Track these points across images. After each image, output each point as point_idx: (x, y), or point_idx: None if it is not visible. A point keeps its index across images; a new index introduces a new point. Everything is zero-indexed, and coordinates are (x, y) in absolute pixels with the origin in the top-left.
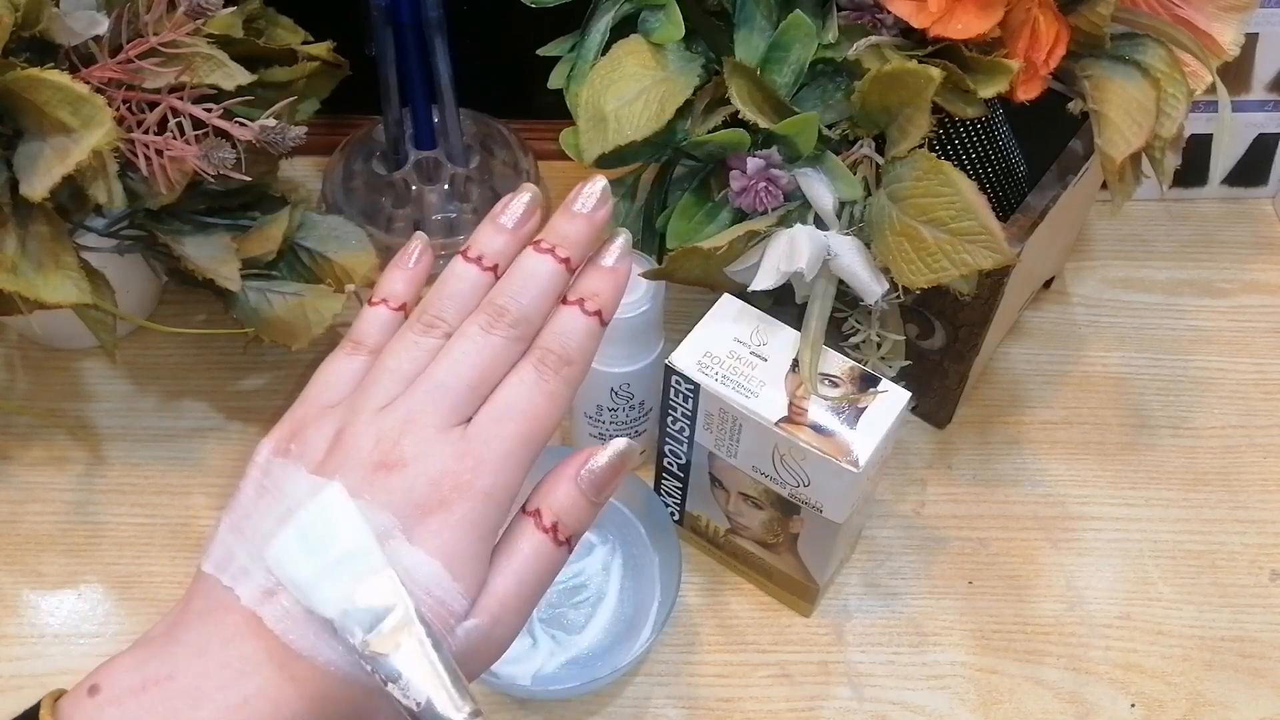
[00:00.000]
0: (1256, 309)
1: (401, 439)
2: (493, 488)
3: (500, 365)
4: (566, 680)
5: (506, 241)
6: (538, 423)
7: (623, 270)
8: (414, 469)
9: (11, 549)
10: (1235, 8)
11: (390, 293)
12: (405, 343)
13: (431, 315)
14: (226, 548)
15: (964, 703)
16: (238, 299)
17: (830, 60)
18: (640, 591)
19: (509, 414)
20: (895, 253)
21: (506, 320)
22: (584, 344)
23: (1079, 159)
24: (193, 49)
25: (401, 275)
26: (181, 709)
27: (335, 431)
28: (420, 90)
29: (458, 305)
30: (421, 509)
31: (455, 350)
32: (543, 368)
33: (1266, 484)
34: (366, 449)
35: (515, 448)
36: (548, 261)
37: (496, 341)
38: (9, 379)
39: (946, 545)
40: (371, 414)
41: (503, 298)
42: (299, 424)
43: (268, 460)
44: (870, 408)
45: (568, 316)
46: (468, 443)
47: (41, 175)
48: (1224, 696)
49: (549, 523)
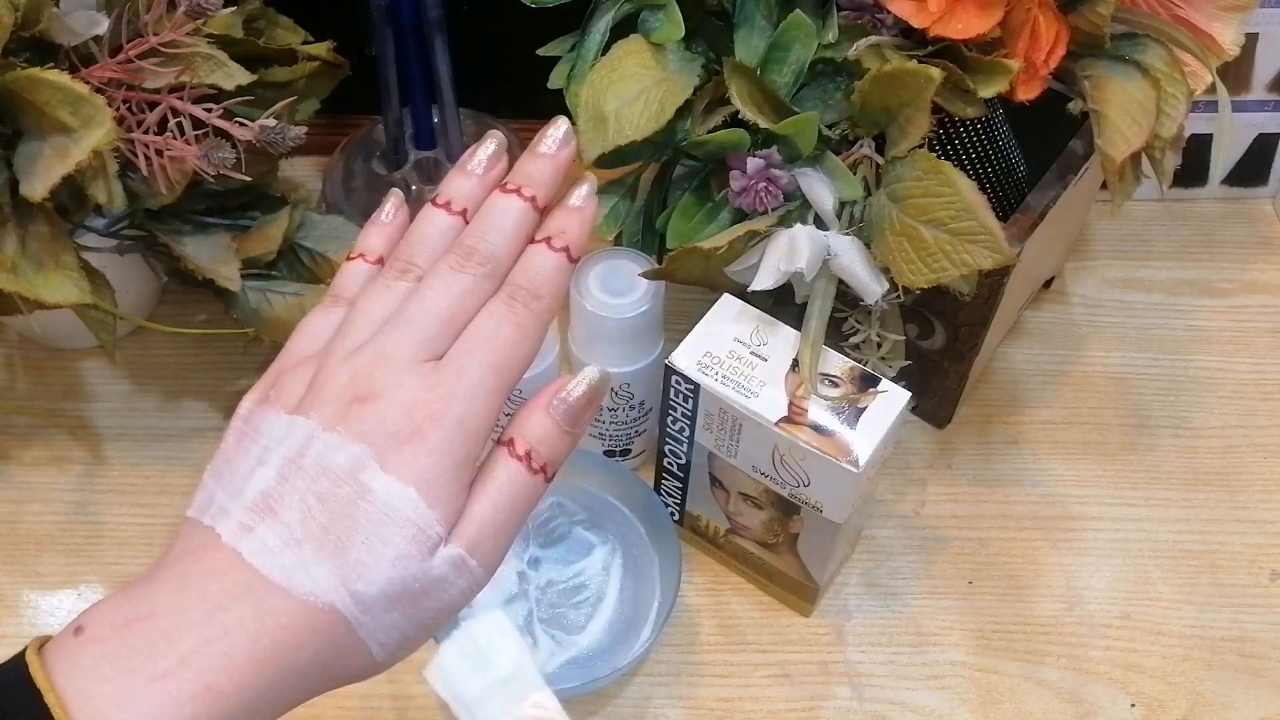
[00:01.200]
0: (1256, 309)
1: (374, 373)
2: (465, 415)
3: (471, 302)
4: (566, 680)
5: (474, 186)
6: (507, 352)
7: (589, 210)
8: (386, 399)
9: (11, 549)
10: (1235, 8)
11: (367, 247)
12: (378, 287)
13: (404, 261)
14: (208, 492)
15: (964, 703)
16: (238, 299)
17: (830, 60)
18: (640, 591)
19: (478, 343)
20: (895, 253)
21: (476, 259)
22: (552, 278)
23: (1079, 159)
24: (193, 49)
25: (377, 230)
26: (161, 642)
27: (312, 374)
28: (420, 90)
29: (429, 249)
30: (395, 438)
31: (426, 289)
32: (512, 302)
33: (1266, 484)
34: (340, 385)
35: (485, 376)
36: (514, 201)
37: (466, 279)
38: (9, 379)
39: (946, 545)
40: (345, 354)
41: (472, 238)
42: (278, 375)
43: (249, 410)
44: (870, 408)
45: (536, 253)
46: (439, 374)
47: (41, 175)
48: (1224, 696)
49: (522, 450)
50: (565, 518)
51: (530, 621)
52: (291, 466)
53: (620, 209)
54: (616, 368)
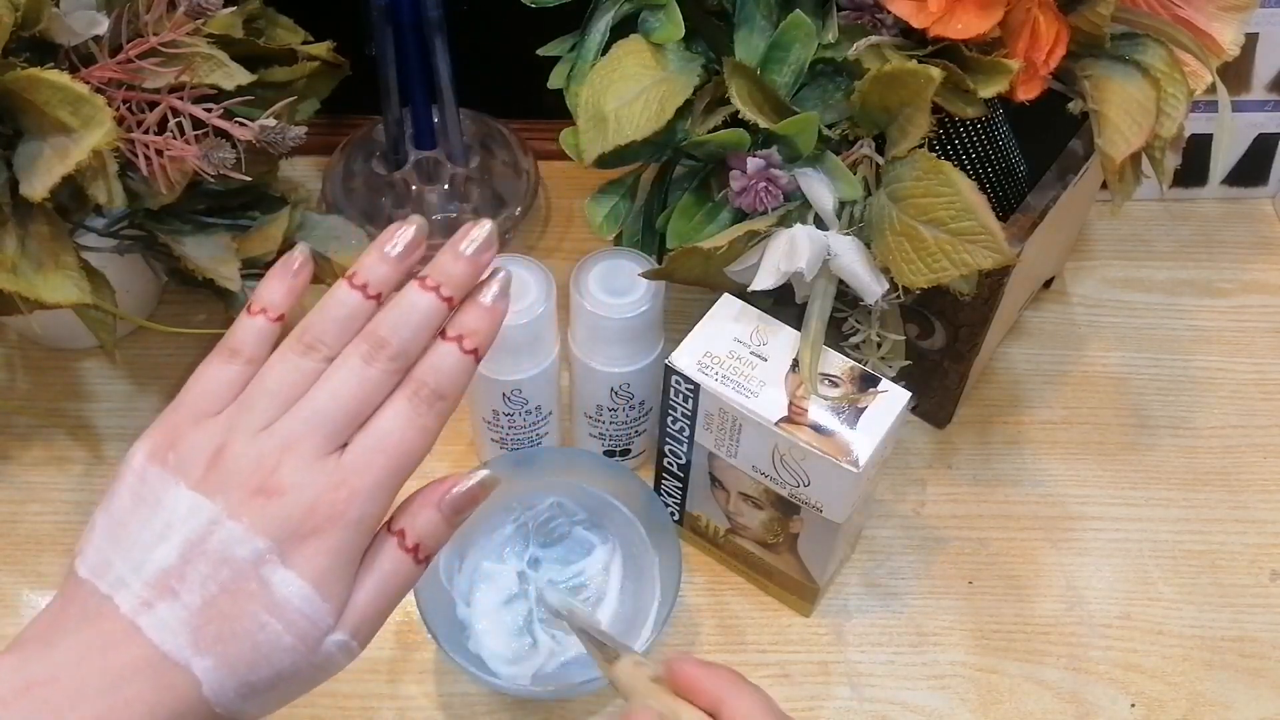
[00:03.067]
0: (1256, 309)
1: (280, 465)
2: (362, 516)
3: (377, 395)
4: (567, 680)
5: (390, 271)
6: (408, 456)
7: (500, 309)
8: (291, 497)
9: (11, 549)
10: (1235, 8)
11: (269, 303)
12: (285, 364)
13: (312, 337)
14: (103, 554)
15: (964, 703)
16: (238, 299)
17: (830, 60)
18: (640, 591)
19: (382, 446)
20: (895, 253)
21: (387, 353)
22: (458, 380)
23: (1079, 159)
24: (193, 49)
25: (281, 285)
26: (64, 707)
27: (215, 447)
28: (420, 90)
29: (338, 330)
30: (297, 535)
31: (335, 378)
32: (417, 400)
33: (1266, 484)
34: (246, 471)
35: (385, 478)
36: (431, 298)
37: (375, 373)
38: (9, 379)
39: (946, 545)
40: (251, 434)
41: (384, 329)
42: (175, 432)
43: (144, 466)
44: (870, 408)
45: (445, 353)
46: (342, 472)
47: (41, 175)
48: (1224, 696)
49: (411, 543)
50: (565, 518)
51: (530, 621)
52: (194, 550)
53: (620, 209)
54: (616, 368)
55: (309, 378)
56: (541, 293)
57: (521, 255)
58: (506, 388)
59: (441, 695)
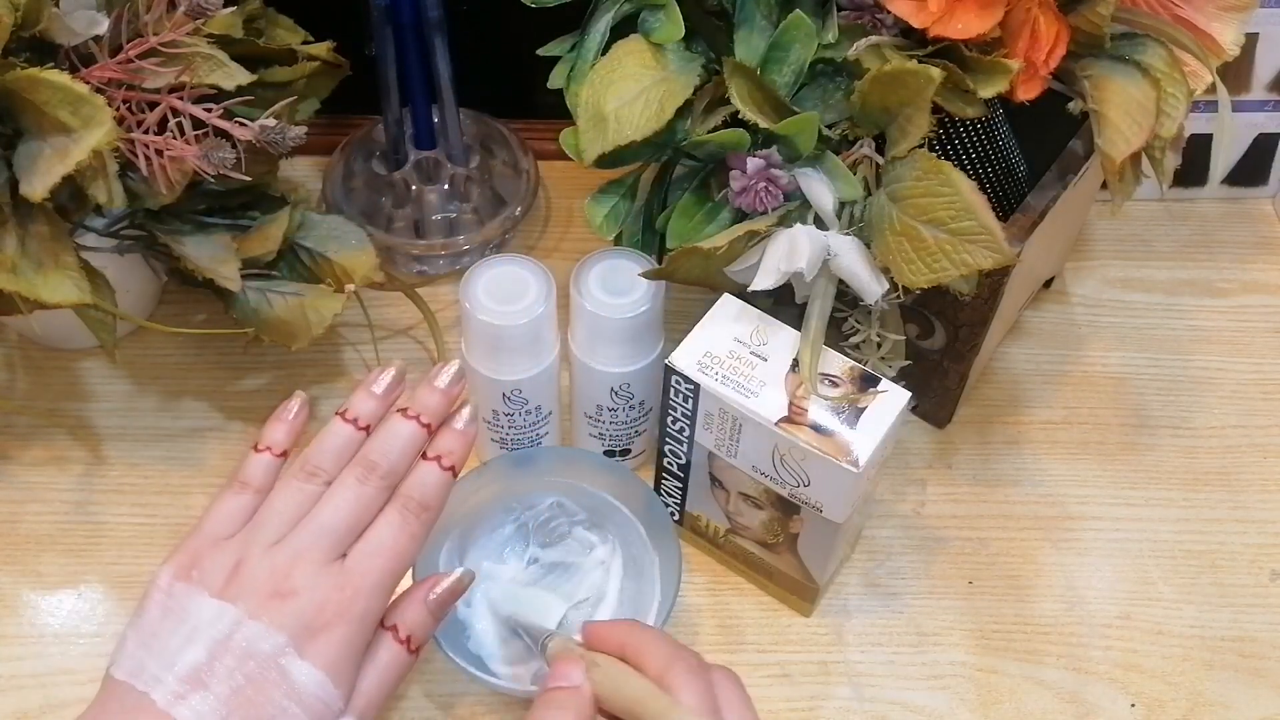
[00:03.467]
0: (1256, 309)
1: (292, 571)
2: (365, 612)
3: (371, 509)
4: None
5: (376, 406)
6: (401, 559)
7: (471, 432)
8: (304, 597)
9: (11, 549)
10: (1235, 8)
11: (273, 441)
12: (290, 489)
13: (313, 465)
14: (137, 660)
15: (964, 703)
16: (238, 299)
17: (830, 60)
18: (640, 592)
19: (379, 551)
20: (895, 253)
21: (378, 473)
22: (439, 493)
23: (1079, 159)
24: (193, 49)
25: (282, 427)
26: None
27: (234, 563)
28: (420, 90)
29: (334, 458)
30: (310, 630)
31: (336, 497)
32: (405, 513)
33: (1266, 484)
34: (262, 579)
35: (383, 579)
36: (412, 426)
37: (369, 491)
38: (9, 379)
39: (946, 545)
40: (264, 548)
41: (375, 454)
42: (196, 554)
43: (170, 584)
44: (870, 408)
45: (428, 471)
46: (346, 575)
47: (41, 175)
48: (1224, 696)
49: (404, 635)
50: (565, 518)
51: None
52: (220, 648)
53: (620, 209)
54: (616, 368)
55: (311, 499)
56: (541, 293)
57: (521, 255)
58: (506, 388)
59: (442, 695)
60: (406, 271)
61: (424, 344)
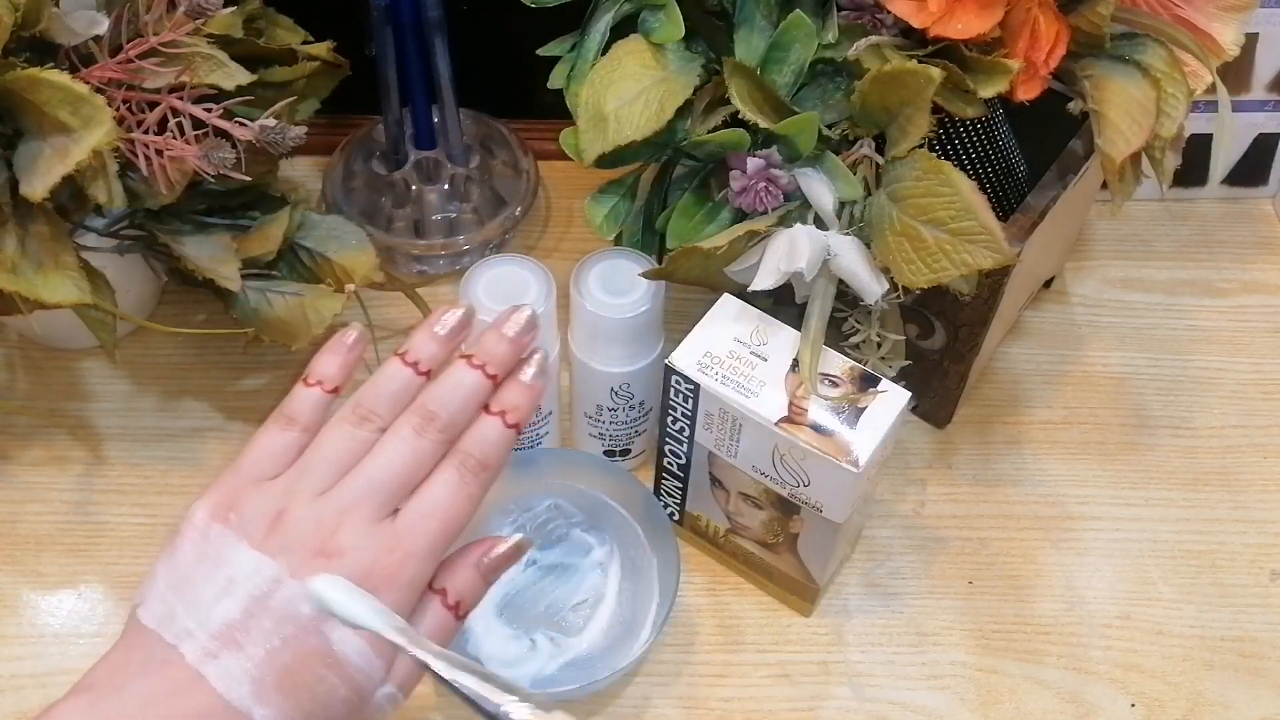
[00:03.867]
0: (1256, 309)
1: (339, 528)
2: (415, 577)
3: (427, 463)
4: (566, 682)
5: (438, 349)
6: (456, 521)
7: (539, 386)
8: (350, 558)
9: (11, 549)
10: (1235, 8)
11: (325, 375)
12: (340, 432)
13: (366, 409)
14: (168, 605)
15: (964, 703)
16: (238, 299)
17: (830, 60)
18: (639, 593)
19: (433, 512)
20: (895, 253)
21: (436, 425)
22: (501, 452)
23: (1079, 159)
24: (193, 49)
25: (335, 359)
26: None
27: (276, 510)
28: (420, 90)
29: (390, 403)
30: None
31: (389, 448)
32: (464, 470)
33: (1266, 484)
34: (306, 533)
35: (436, 542)
36: (477, 376)
37: (425, 444)
38: (9, 379)
39: (946, 545)
40: (310, 498)
41: (434, 403)
42: (235, 494)
43: (206, 524)
44: (870, 408)
45: (490, 426)
46: (396, 537)
47: (41, 175)
48: (1224, 696)
49: (453, 601)
50: (563, 519)
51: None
52: (258, 605)
53: (620, 209)
54: (616, 368)
55: (363, 446)
56: (541, 293)
57: (521, 255)
58: None
59: (440, 696)
60: (406, 271)
61: None
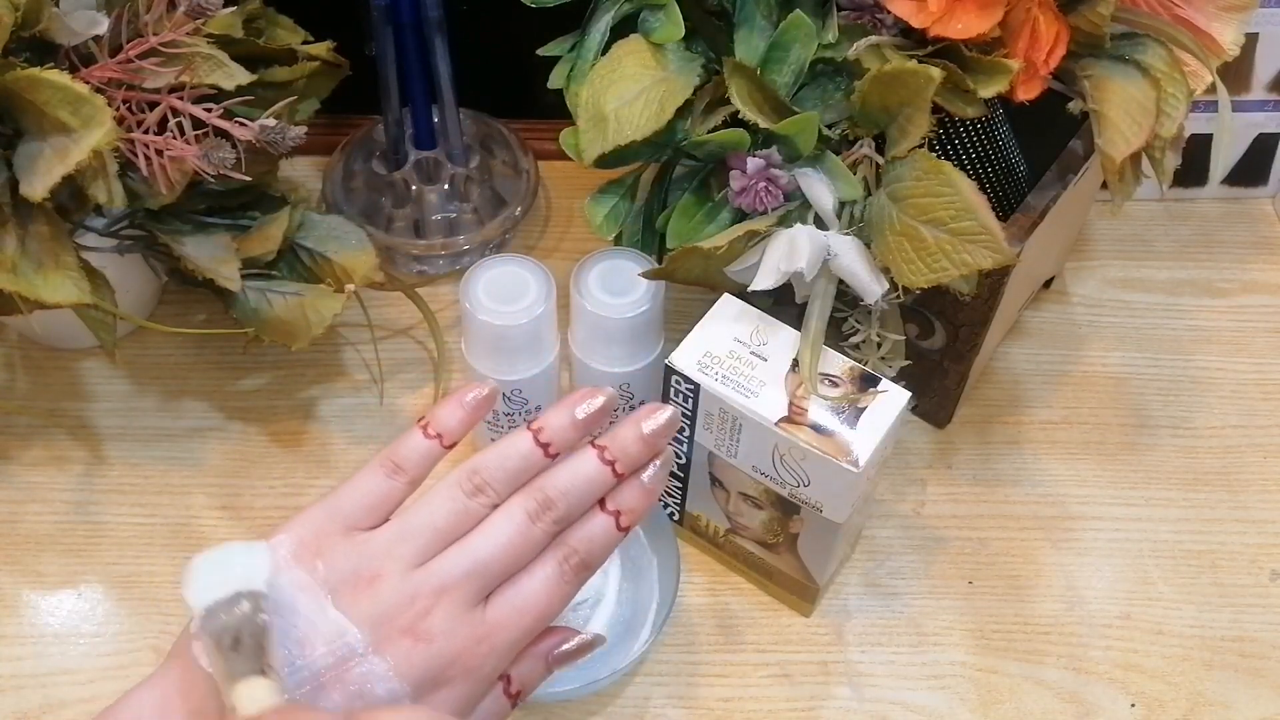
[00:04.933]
0: (1256, 309)
1: (434, 610)
2: (493, 672)
3: (533, 550)
4: (566, 682)
5: (571, 434)
6: (544, 619)
7: (656, 489)
8: (439, 646)
9: (11, 549)
10: (1235, 8)
11: (445, 428)
12: (451, 499)
13: (483, 480)
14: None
15: (964, 703)
16: (238, 299)
17: (830, 60)
18: (639, 594)
19: (528, 609)
20: (895, 253)
21: (553, 515)
22: (605, 553)
23: (1079, 159)
24: (193, 49)
25: (458, 414)
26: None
27: (370, 573)
28: (420, 90)
29: (510, 479)
30: (434, 683)
31: (499, 529)
32: (565, 568)
33: (1266, 484)
34: (399, 608)
35: (521, 637)
36: (606, 472)
37: (537, 533)
38: (9, 379)
39: (946, 545)
40: (407, 568)
41: (554, 490)
42: (324, 538)
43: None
44: (870, 408)
45: (601, 526)
46: (486, 627)
47: (41, 175)
48: (1224, 696)
49: (515, 690)
50: None
51: None
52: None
53: (620, 209)
54: (617, 368)
55: (472, 520)
56: (541, 293)
57: (521, 255)
58: (506, 388)
59: None
60: (406, 271)
61: (424, 344)
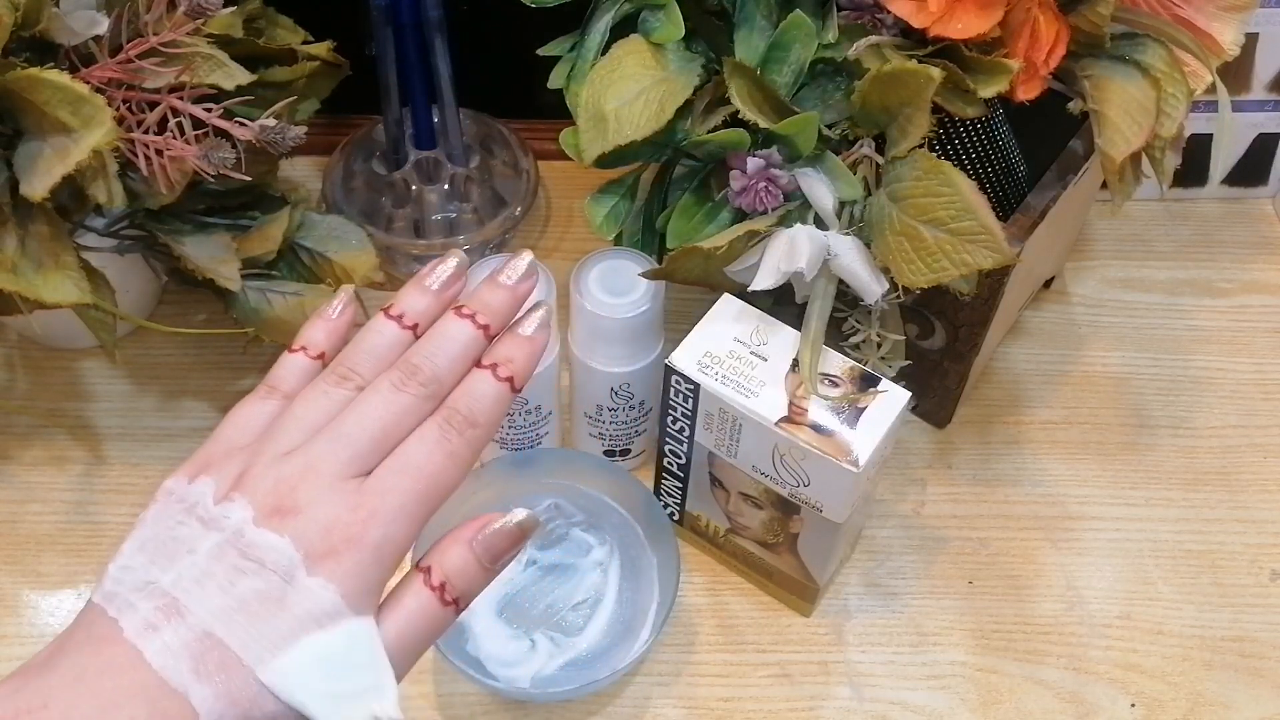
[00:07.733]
0: (1256, 309)
1: (299, 485)
2: (382, 540)
3: (407, 422)
4: (566, 682)
5: (429, 303)
6: (435, 480)
7: (540, 340)
8: (306, 515)
9: (11, 549)
10: (1235, 8)
11: (310, 341)
12: (316, 392)
13: (346, 368)
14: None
15: (964, 703)
16: (238, 299)
17: (830, 60)
18: (639, 593)
19: (407, 469)
20: (895, 253)
21: (419, 379)
22: (492, 408)
23: (1079, 159)
24: (193, 49)
25: (323, 325)
26: None
27: (239, 471)
28: (420, 90)
29: (373, 360)
30: (310, 557)
31: (364, 404)
32: (447, 427)
33: (1266, 484)
34: (264, 490)
35: (409, 503)
36: (467, 326)
37: (406, 399)
38: (9, 379)
39: (946, 545)
40: (273, 457)
41: (418, 357)
42: (206, 462)
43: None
44: (870, 408)
45: (479, 380)
46: (362, 494)
47: (41, 175)
48: (1224, 696)
49: (437, 581)
50: (563, 519)
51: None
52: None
53: (620, 209)
54: (616, 368)
55: (339, 406)
56: (541, 293)
57: None
58: None
59: (440, 696)
60: (406, 271)
61: None
